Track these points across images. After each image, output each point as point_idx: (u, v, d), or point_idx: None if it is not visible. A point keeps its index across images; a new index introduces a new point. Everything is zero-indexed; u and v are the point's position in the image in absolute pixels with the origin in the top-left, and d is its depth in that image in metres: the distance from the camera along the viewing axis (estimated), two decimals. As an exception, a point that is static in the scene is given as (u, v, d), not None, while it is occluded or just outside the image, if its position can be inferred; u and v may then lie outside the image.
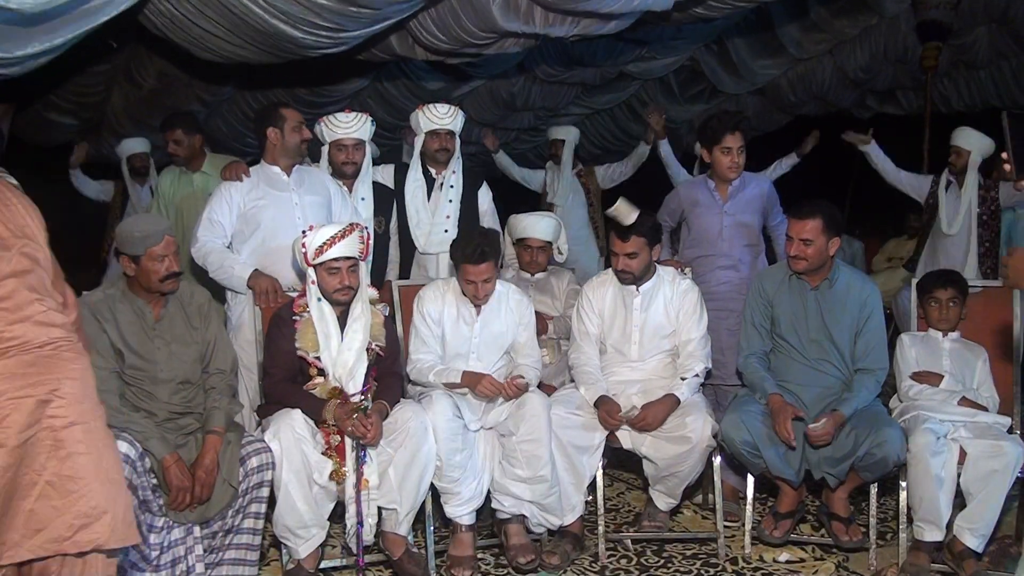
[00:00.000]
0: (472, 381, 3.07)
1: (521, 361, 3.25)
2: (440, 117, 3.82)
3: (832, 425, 2.97)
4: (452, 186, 3.90)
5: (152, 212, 4.31)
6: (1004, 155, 1.82)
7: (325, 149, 3.75)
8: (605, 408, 3.14)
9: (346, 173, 3.73)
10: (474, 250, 3.06)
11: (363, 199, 3.77)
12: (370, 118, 3.73)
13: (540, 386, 3.33)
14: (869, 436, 2.90)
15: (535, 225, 3.76)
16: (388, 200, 3.90)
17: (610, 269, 3.40)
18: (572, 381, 3.37)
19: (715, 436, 3.10)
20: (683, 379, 3.20)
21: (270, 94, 6.12)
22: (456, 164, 3.93)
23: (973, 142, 4.58)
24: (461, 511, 3.02)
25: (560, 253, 3.93)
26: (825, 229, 3.07)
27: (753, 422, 3.04)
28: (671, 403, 3.13)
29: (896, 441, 2.89)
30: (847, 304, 3.14)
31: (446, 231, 3.87)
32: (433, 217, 3.88)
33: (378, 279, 3.66)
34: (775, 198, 3.72)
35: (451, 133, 3.87)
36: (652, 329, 3.30)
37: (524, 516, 3.09)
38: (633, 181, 5.84)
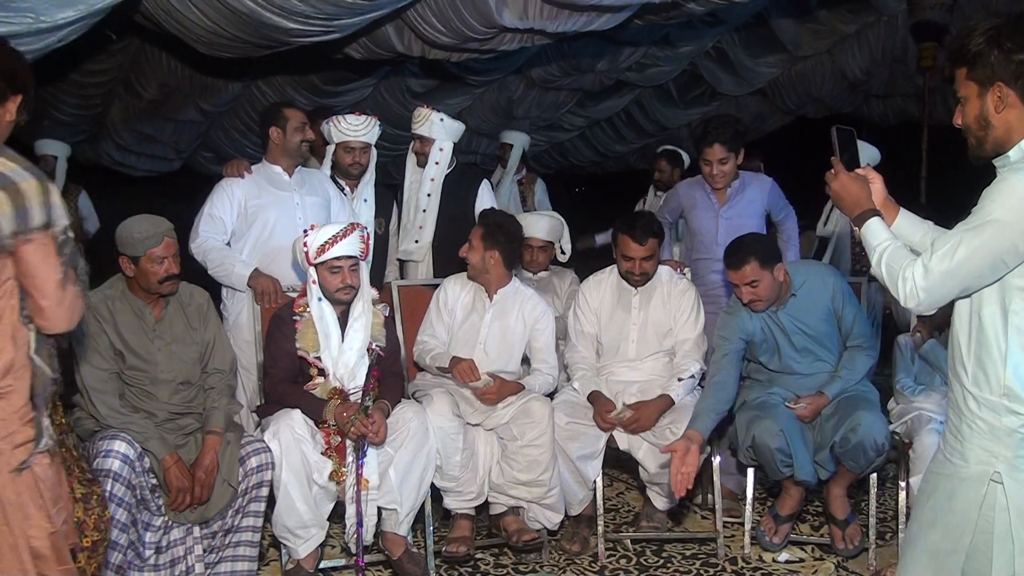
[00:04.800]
0: (455, 363, 3.08)
1: (536, 367, 3.26)
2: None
3: (813, 406, 2.96)
4: (430, 194, 3.82)
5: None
6: (833, 160, 1.89)
7: (330, 149, 3.73)
8: (598, 406, 3.14)
9: (352, 174, 3.72)
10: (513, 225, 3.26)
11: (366, 200, 3.76)
12: (378, 121, 3.71)
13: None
14: (845, 421, 2.86)
15: (535, 224, 3.77)
16: (388, 201, 3.89)
17: (608, 268, 3.41)
18: (568, 381, 3.37)
19: (708, 440, 3.06)
20: (679, 380, 3.19)
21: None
22: (435, 171, 3.81)
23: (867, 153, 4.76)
24: (462, 505, 3.05)
25: (563, 253, 3.94)
26: (762, 265, 2.93)
27: (790, 428, 2.93)
28: (664, 403, 3.12)
29: (874, 425, 2.82)
30: (817, 302, 3.07)
31: (416, 241, 3.85)
32: (410, 228, 3.86)
33: (377, 280, 3.66)
34: (777, 193, 3.68)
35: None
36: (651, 327, 3.30)
37: (520, 508, 3.10)
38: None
